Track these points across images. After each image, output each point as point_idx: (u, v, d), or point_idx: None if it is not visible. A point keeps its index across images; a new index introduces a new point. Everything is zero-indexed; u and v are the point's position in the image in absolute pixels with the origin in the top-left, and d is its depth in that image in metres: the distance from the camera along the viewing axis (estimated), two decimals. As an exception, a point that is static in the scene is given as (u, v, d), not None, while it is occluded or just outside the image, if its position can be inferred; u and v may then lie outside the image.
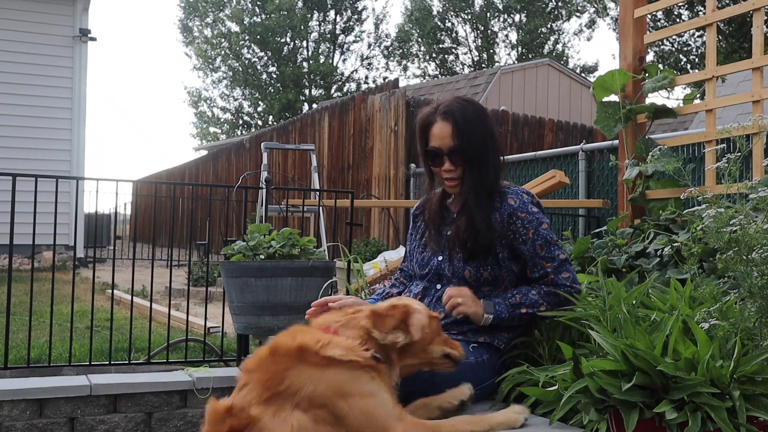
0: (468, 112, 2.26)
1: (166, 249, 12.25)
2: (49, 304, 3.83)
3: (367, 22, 38.13)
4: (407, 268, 2.54)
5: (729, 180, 2.22)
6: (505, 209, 2.26)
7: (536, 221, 2.25)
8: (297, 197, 6.83)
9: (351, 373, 1.75)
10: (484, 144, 2.26)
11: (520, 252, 2.26)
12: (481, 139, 2.25)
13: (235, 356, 4.02)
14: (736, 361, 1.64)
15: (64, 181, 6.19)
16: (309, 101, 28.80)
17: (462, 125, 2.23)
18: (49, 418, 3.28)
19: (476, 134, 2.24)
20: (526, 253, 2.25)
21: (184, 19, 29.14)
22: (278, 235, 3.50)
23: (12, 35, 10.32)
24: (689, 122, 11.31)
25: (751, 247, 1.76)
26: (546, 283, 2.24)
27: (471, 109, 2.27)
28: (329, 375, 1.73)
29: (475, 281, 2.26)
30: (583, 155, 6.19)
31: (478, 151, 2.25)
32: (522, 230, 2.24)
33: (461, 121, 2.24)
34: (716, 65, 3.27)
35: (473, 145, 2.24)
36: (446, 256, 2.31)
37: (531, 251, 2.24)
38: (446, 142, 2.25)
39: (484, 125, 2.28)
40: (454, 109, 2.26)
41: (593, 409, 1.74)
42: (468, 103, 2.31)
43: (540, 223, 2.26)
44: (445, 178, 2.30)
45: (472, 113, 2.26)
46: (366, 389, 1.75)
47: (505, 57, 29.77)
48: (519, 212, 2.25)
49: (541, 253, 2.24)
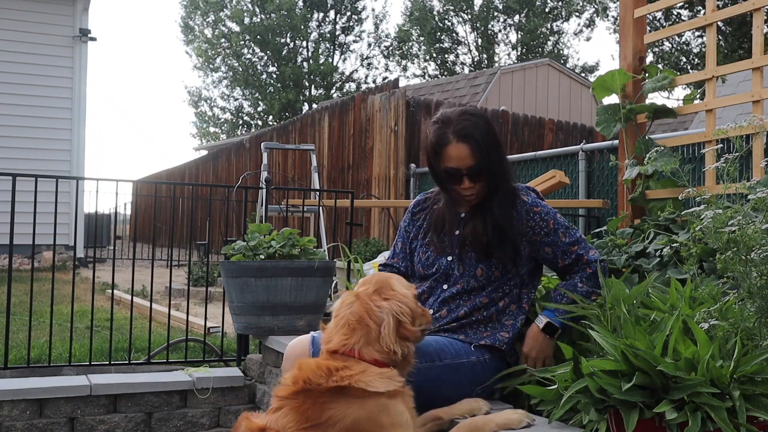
0: (482, 130, 2.28)
1: (166, 249, 12.25)
2: (49, 304, 3.84)
3: (367, 22, 38.20)
4: (397, 264, 2.50)
5: (728, 180, 2.22)
6: (522, 207, 2.31)
7: (551, 212, 2.32)
8: (297, 197, 6.82)
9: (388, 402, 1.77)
10: (499, 156, 2.31)
11: (541, 245, 2.30)
12: (496, 152, 2.30)
13: (235, 356, 4.02)
14: (736, 361, 1.64)
15: (64, 181, 6.19)
16: (309, 101, 28.80)
17: (480, 145, 2.25)
18: (49, 418, 3.28)
19: (493, 150, 2.29)
20: (552, 245, 2.29)
21: (185, 18, 29.15)
22: (278, 235, 3.50)
23: (12, 35, 10.33)
24: (689, 122, 11.31)
25: (750, 247, 1.76)
26: (581, 266, 2.28)
27: (482, 125, 2.29)
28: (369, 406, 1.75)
29: (485, 279, 2.29)
30: (583, 155, 6.19)
31: (496, 164, 2.29)
32: (542, 223, 2.29)
33: (479, 141, 2.25)
34: (716, 65, 3.27)
35: (492, 161, 2.28)
36: (456, 256, 2.32)
37: (556, 241, 2.29)
38: (465, 163, 2.26)
39: (495, 138, 2.32)
40: (469, 129, 2.26)
41: (593, 409, 1.74)
42: (477, 117, 2.31)
43: (554, 213, 2.32)
44: (465, 195, 2.31)
45: (484, 129, 2.29)
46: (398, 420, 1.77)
47: (505, 57, 29.80)
48: (534, 207, 2.30)
49: (566, 240, 2.29)
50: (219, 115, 30.40)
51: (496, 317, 2.29)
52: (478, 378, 2.19)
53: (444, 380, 2.11)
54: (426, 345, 2.12)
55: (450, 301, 2.29)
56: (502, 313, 2.30)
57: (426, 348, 2.11)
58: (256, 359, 3.74)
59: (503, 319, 2.30)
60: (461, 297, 2.29)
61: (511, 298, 2.32)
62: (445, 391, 2.11)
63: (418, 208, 2.52)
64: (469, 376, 2.16)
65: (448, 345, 2.17)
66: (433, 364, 2.10)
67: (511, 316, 2.31)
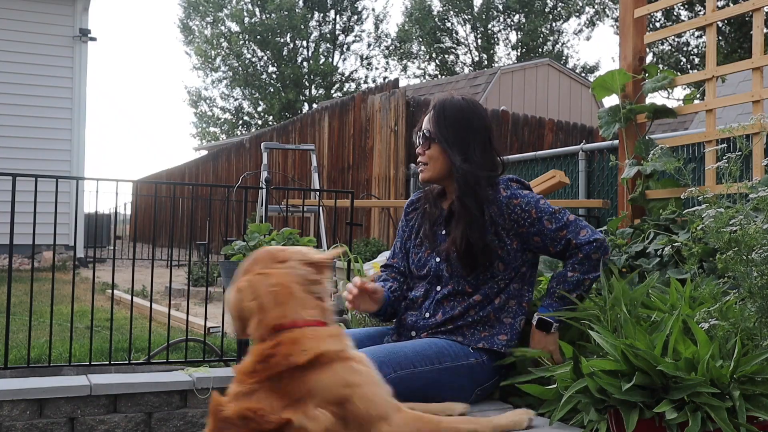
0: (453, 104, 2.33)
1: (166, 249, 12.25)
2: (49, 304, 3.83)
3: (367, 22, 38.16)
4: (397, 264, 2.48)
5: (729, 180, 2.22)
6: (502, 200, 2.25)
7: (533, 200, 2.25)
8: (297, 197, 6.83)
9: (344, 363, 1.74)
10: (461, 133, 2.29)
11: (529, 236, 2.24)
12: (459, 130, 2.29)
13: (235, 356, 4.02)
14: (736, 361, 1.64)
15: (64, 181, 6.19)
16: (309, 101, 28.80)
17: (439, 112, 2.31)
18: (49, 418, 3.28)
19: (453, 122, 2.29)
20: (539, 234, 2.23)
21: (184, 19, 29.16)
22: (278, 235, 3.50)
23: (12, 35, 10.32)
24: (689, 122, 11.31)
25: (751, 247, 1.77)
26: (571, 251, 2.22)
27: (458, 102, 2.33)
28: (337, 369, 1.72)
29: (475, 280, 2.25)
30: (583, 155, 6.19)
31: (453, 140, 2.28)
32: (524, 214, 2.23)
33: (440, 109, 2.32)
34: (716, 65, 3.27)
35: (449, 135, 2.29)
36: (444, 257, 2.28)
37: (542, 229, 2.22)
38: (423, 126, 2.35)
39: (465, 117, 2.30)
40: (441, 99, 2.36)
41: (593, 409, 1.74)
42: (461, 99, 2.35)
43: (537, 201, 2.26)
44: (419, 162, 2.37)
45: (456, 105, 2.33)
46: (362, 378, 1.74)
47: (505, 57, 29.80)
48: (514, 199, 2.25)
49: (552, 226, 2.22)
50: (219, 115, 30.42)
51: (493, 315, 2.24)
52: (478, 379, 2.18)
53: (444, 383, 2.10)
54: (425, 348, 2.11)
55: (444, 302, 2.26)
56: (501, 310, 2.25)
57: (426, 351, 2.10)
58: (256, 359, 3.73)
59: (502, 317, 2.25)
60: (455, 298, 2.25)
61: (508, 294, 2.26)
62: (446, 394, 2.10)
63: (411, 208, 2.50)
64: (470, 378, 2.16)
65: (447, 347, 2.16)
66: (433, 367, 2.09)
67: (510, 314, 2.26)
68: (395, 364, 2.01)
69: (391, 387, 1.95)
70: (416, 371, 2.04)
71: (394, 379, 1.97)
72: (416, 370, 2.04)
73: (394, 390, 1.96)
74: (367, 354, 1.99)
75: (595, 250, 2.20)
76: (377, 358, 1.97)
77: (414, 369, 2.04)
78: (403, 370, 2.02)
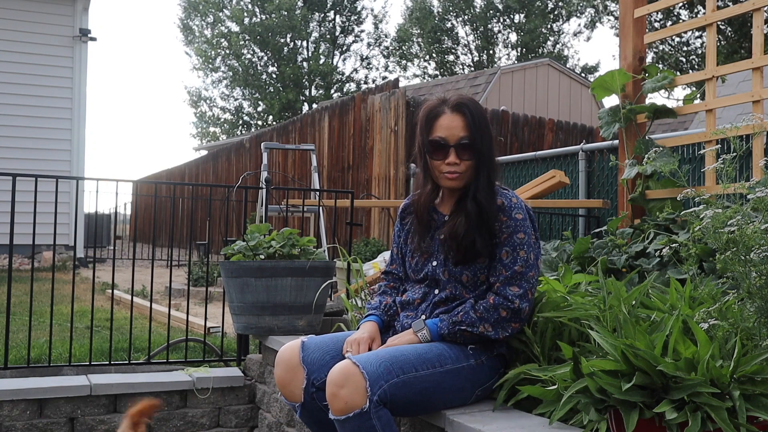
0: (479, 109, 2.25)
1: (166, 249, 12.26)
2: (49, 304, 3.83)
3: (366, 22, 38.17)
4: (396, 270, 2.46)
5: (726, 180, 2.22)
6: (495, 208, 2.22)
7: (514, 227, 2.17)
8: (297, 197, 6.83)
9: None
10: (490, 143, 2.25)
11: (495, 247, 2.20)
12: (488, 137, 2.24)
13: (235, 356, 4.03)
14: (736, 361, 1.64)
15: (64, 181, 6.19)
16: (309, 101, 28.81)
17: (474, 120, 2.20)
18: (49, 418, 3.28)
19: (485, 131, 2.23)
20: (496, 256, 2.18)
21: (184, 19, 29.16)
22: (278, 235, 3.50)
23: (12, 35, 10.33)
24: (689, 122, 11.32)
25: (750, 247, 1.77)
26: (494, 293, 2.16)
27: (477, 105, 2.27)
28: None
29: (472, 284, 2.24)
30: (583, 155, 6.19)
31: (486, 147, 2.22)
32: (499, 233, 2.18)
33: (474, 115, 2.20)
34: (716, 65, 3.27)
35: (483, 141, 2.21)
36: (441, 261, 2.26)
37: (497, 255, 2.18)
38: (455, 134, 2.19)
39: (487, 122, 2.27)
40: (466, 102, 2.23)
41: (593, 409, 1.74)
42: (472, 101, 2.30)
43: (516, 231, 2.17)
44: (445, 172, 2.22)
45: (481, 111, 2.26)
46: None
47: (505, 58, 29.80)
48: (502, 215, 2.19)
49: (505, 260, 2.16)
50: (219, 115, 30.43)
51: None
52: (478, 380, 2.18)
53: (446, 385, 2.11)
54: (426, 351, 2.11)
55: (441, 305, 2.25)
56: None
57: (427, 355, 2.10)
58: (256, 359, 3.74)
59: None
60: (452, 301, 2.24)
61: None
62: (448, 395, 2.11)
63: (405, 212, 2.46)
64: (470, 379, 2.16)
65: (446, 350, 2.16)
66: (435, 370, 2.09)
67: None
68: (399, 369, 2.01)
69: (395, 391, 1.96)
70: (419, 375, 2.04)
71: (399, 383, 1.98)
72: (419, 373, 2.04)
73: (398, 394, 1.96)
74: (371, 358, 2.00)
75: (507, 309, 2.12)
76: (382, 362, 1.98)
77: (416, 373, 2.04)
78: (406, 375, 2.02)
